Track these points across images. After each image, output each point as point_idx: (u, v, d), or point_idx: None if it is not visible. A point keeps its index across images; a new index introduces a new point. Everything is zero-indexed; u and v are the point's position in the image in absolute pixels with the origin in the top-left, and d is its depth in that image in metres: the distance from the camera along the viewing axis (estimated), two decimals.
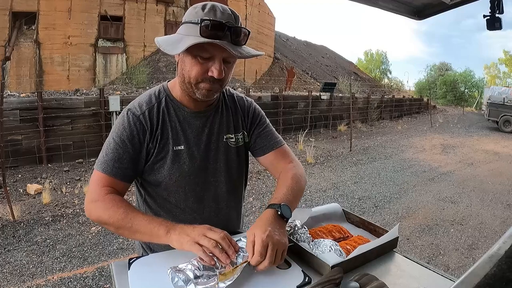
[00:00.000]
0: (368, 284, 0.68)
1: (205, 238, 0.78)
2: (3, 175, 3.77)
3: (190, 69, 0.87)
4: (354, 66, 27.70)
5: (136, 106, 0.95)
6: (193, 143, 0.98)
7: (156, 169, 0.96)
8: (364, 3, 1.36)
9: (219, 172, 1.02)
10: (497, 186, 5.26)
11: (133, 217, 0.85)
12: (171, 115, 0.97)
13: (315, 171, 5.92)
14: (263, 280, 0.78)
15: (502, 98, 13.44)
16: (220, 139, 1.02)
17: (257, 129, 1.09)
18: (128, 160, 0.91)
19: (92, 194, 0.90)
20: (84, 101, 6.06)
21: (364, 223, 1.09)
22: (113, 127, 0.95)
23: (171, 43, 0.87)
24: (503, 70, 34.93)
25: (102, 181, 0.90)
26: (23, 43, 11.40)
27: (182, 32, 0.87)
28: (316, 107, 10.11)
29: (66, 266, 2.70)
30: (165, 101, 0.97)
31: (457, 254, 3.05)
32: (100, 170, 0.90)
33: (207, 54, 0.85)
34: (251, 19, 15.82)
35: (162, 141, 0.95)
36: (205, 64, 0.86)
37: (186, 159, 0.96)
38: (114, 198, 0.89)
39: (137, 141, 0.92)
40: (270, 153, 1.07)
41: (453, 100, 25.78)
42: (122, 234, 0.92)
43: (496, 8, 1.37)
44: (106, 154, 0.91)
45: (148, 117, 0.93)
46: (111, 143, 0.92)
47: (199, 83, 0.89)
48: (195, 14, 0.86)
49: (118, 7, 12.36)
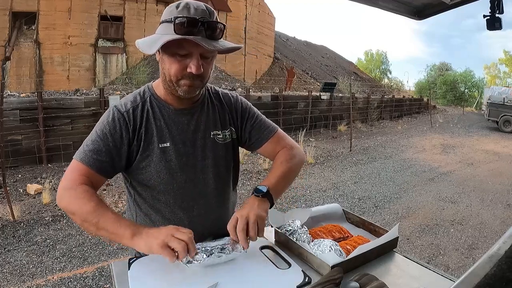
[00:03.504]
0: (368, 284, 0.68)
1: (175, 240, 0.78)
2: (3, 175, 3.77)
3: (169, 67, 0.89)
4: (354, 66, 27.69)
5: (122, 103, 0.97)
6: (178, 140, 0.98)
7: (143, 168, 0.96)
8: (364, 3, 1.36)
9: (207, 169, 1.02)
10: (497, 186, 5.26)
11: (102, 214, 0.84)
12: (156, 113, 0.97)
13: (315, 171, 5.92)
14: (263, 280, 0.78)
15: (502, 98, 13.42)
16: (207, 136, 1.02)
17: (249, 122, 1.10)
18: (106, 153, 0.91)
19: (66, 181, 0.90)
20: (84, 101, 6.06)
21: (364, 223, 1.09)
22: (98, 121, 0.96)
23: (148, 44, 0.89)
24: (503, 70, 34.96)
25: (78, 170, 0.90)
26: (23, 43, 11.40)
27: (159, 32, 0.89)
28: (316, 107, 10.11)
29: (66, 266, 2.70)
30: (150, 100, 0.98)
31: (457, 254, 3.05)
32: (77, 159, 0.91)
33: (184, 51, 0.87)
34: (251, 19, 15.82)
35: (146, 140, 0.95)
36: (183, 61, 0.88)
37: (172, 156, 0.97)
38: (87, 190, 0.88)
39: (118, 136, 0.92)
40: (267, 143, 1.09)
41: (453, 100, 25.78)
42: (87, 229, 0.90)
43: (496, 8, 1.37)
44: (87, 145, 0.92)
45: (132, 115, 0.94)
46: (93, 135, 0.93)
47: (179, 80, 0.90)
48: (169, 12, 0.88)
49: (118, 7, 12.36)
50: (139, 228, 0.83)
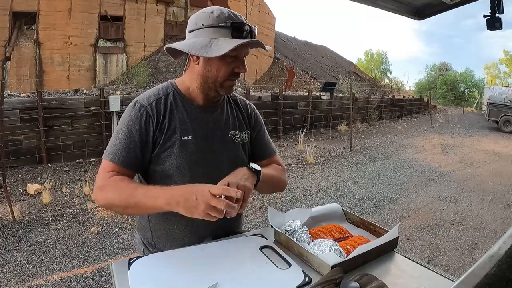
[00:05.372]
0: (368, 284, 0.68)
1: (212, 208, 0.79)
2: (3, 175, 3.77)
3: (218, 69, 0.94)
4: (354, 66, 27.68)
5: (144, 98, 0.99)
6: (200, 134, 1.01)
7: (163, 158, 0.98)
8: (364, 3, 1.36)
9: (222, 165, 1.04)
10: (497, 186, 5.26)
11: (135, 194, 0.87)
12: (179, 107, 1.00)
13: (315, 171, 5.91)
14: (263, 280, 0.78)
15: (502, 98, 13.41)
16: (225, 134, 1.06)
17: (258, 135, 1.15)
18: (134, 149, 0.94)
19: (99, 181, 0.93)
20: (84, 101, 6.06)
21: (364, 223, 1.09)
22: (121, 118, 0.99)
23: (201, 47, 0.90)
24: (503, 70, 34.95)
25: (108, 168, 0.93)
26: (23, 43, 11.40)
27: (206, 36, 0.91)
28: (316, 107, 10.11)
29: (66, 266, 2.70)
30: (173, 95, 1.01)
31: (457, 254, 3.05)
32: (107, 158, 0.94)
33: (234, 53, 0.91)
34: (251, 19, 15.81)
35: (169, 131, 0.97)
36: (231, 63, 0.94)
37: (193, 149, 0.99)
38: (119, 179, 0.91)
39: (144, 131, 0.95)
40: (267, 159, 1.16)
41: (453, 100, 25.78)
42: (130, 213, 0.99)
43: (496, 8, 1.37)
44: (114, 144, 0.95)
45: (155, 107, 0.97)
46: (119, 133, 0.95)
47: (225, 81, 0.96)
48: (216, 18, 0.91)
49: (118, 7, 12.35)
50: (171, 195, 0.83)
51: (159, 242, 1.06)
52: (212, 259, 0.87)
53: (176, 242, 1.03)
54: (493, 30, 1.40)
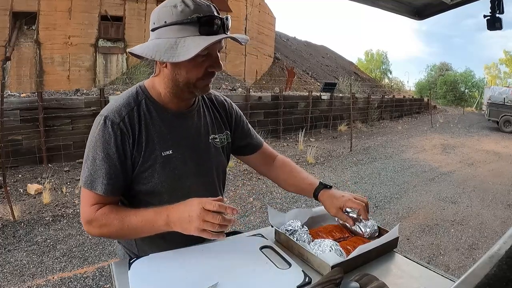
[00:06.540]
0: (368, 284, 0.68)
1: (207, 223, 0.78)
2: (4, 175, 3.77)
3: (189, 70, 0.84)
4: (354, 66, 27.69)
5: (113, 111, 0.87)
6: (182, 146, 0.93)
7: (146, 177, 0.90)
8: (364, 3, 1.36)
9: (209, 173, 1.01)
10: (498, 186, 5.25)
11: (129, 223, 0.84)
12: (154, 118, 0.90)
13: (315, 171, 5.91)
14: (263, 280, 0.78)
15: (502, 98, 13.41)
16: (207, 140, 1.00)
17: (243, 129, 1.12)
18: (116, 175, 0.86)
19: (85, 215, 0.87)
20: (84, 101, 6.06)
21: None
22: (92, 138, 0.86)
23: (166, 50, 0.79)
24: (504, 70, 34.97)
25: (91, 200, 0.86)
26: (24, 43, 11.41)
27: (172, 35, 0.80)
28: (317, 107, 10.10)
29: (67, 266, 2.70)
30: (145, 103, 0.90)
31: (458, 254, 3.05)
32: (88, 188, 0.85)
33: (206, 51, 0.81)
34: (251, 19, 15.82)
35: (148, 148, 0.88)
36: (203, 62, 0.84)
37: (177, 164, 0.92)
38: (108, 211, 0.86)
39: (122, 152, 0.86)
40: (259, 151, 1.14)
41: (454, 100, 25.79)
42: (129, 239, 0.95)
43: (496, 8, 1.37)
44: (93, 171, 0.85)
45: (128, 123, 0.86)
46: (96, 158, 0.85)
47: (198, 81, 0.86)
48: (180, 13, 0.78)
49: (119, 7, 12.37)
50: (167, 215, 0.82)
51: (142, 247, 1.00)
52: (212, 259, 0.87)
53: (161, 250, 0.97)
54: (493, 30, 1.40)
